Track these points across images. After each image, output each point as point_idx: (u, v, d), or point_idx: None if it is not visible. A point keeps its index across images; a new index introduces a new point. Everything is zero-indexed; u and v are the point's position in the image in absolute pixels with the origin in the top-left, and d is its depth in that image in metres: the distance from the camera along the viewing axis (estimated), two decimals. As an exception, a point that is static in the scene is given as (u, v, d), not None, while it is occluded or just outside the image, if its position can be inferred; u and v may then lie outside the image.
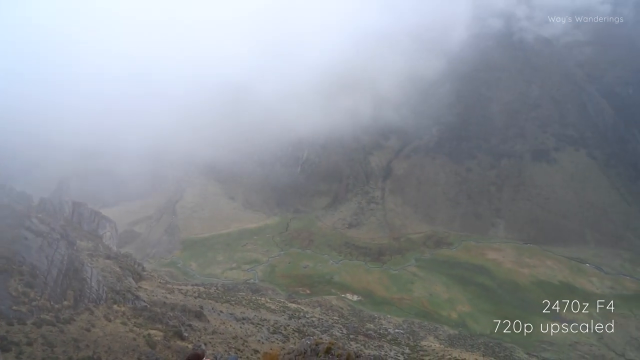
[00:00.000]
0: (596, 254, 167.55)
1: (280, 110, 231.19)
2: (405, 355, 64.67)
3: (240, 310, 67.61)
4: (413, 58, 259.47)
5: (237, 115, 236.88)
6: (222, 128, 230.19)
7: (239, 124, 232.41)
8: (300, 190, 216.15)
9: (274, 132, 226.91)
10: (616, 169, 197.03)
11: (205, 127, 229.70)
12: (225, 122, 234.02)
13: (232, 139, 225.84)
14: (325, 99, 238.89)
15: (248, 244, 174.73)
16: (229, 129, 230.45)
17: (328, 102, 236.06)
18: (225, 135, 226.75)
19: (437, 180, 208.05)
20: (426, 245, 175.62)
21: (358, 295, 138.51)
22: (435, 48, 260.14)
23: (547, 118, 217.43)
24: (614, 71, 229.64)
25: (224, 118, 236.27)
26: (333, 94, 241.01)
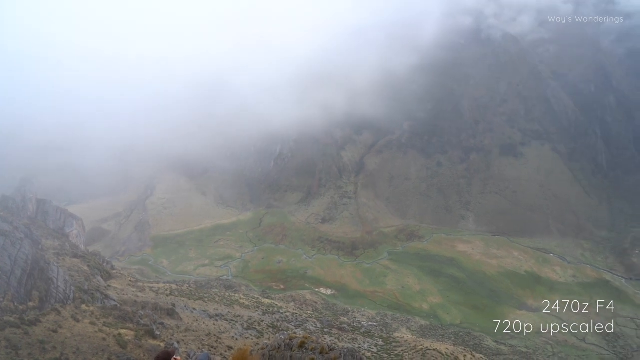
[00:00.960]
0: (560, 244, 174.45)
1: (254, 105, 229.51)
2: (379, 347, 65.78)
3: (214, 307, 67.13)
4: (387, 54, 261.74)
5: (210, 110, 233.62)
6: (194, 123, 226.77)
7: (212, 119, 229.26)
8: (274, 185, 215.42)
9: (247, 126, 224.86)
10: (578, 163, 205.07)
11: (176, 122, 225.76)
12: (198, 116, 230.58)
13: (204, 133, 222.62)
14: (300, 94, 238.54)
15: (221, 240, 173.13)
16: (201, 123, 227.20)
17: (302, 97, 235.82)
18: (197, 130, 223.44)
19: (408, 175, 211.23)
20: (398, 239, 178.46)
21: (332, 290, 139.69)
22: (408, 44, 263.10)
23: (514, 113, 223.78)
24: (577, 69, 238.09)
25: (196, 113, 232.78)
26: (307, 89, 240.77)
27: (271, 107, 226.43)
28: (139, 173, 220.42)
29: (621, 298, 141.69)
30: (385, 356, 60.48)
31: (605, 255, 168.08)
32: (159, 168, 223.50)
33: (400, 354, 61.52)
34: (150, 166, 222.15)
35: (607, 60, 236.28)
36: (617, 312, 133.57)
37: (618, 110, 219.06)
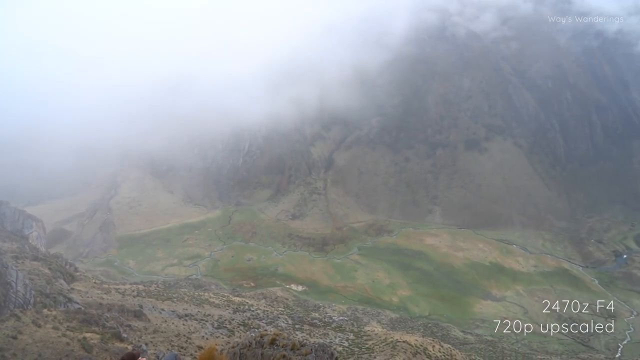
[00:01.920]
0: (522, 235, 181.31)
1: (222, 101, 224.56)
2: (350, 341, 66.55)
3: (183, 307, 66.07)
4: (357, 50, 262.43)
5: (176, 106, 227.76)
6: (159, 119, 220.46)
7: (178, 115, 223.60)
8: (243, 182, 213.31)
9: (214, 123, 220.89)
10: (538, 157, 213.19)
11: (141, 119, 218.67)
12: (163, 112, 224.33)
13: (170, 130, 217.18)
14: (270, 90, 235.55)
15: (189, 238, 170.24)
16: (167, 120, 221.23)
17: (272, 93, 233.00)
18: (163, 126, 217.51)
19: (377, 170, 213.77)
20: (368, 234, 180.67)
21: (303, 286, 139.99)
22: (377, 40, 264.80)
23: (478, 109, 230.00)
24: (536, 66, 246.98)
25: (162, 109, 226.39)
26: (278, 85, 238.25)
27: (240, 103, 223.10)
28: (101, 172, 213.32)
29: (579, 285, 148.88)
30: (357, 350, 61.28)
31: (564, 244, 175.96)
32: (123, 166, 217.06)
33: (371, 347, 62.47)
34: (113, 164, 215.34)
35: (564, 58, 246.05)
36: (574, 299, 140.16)
37: (574, 105, 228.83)
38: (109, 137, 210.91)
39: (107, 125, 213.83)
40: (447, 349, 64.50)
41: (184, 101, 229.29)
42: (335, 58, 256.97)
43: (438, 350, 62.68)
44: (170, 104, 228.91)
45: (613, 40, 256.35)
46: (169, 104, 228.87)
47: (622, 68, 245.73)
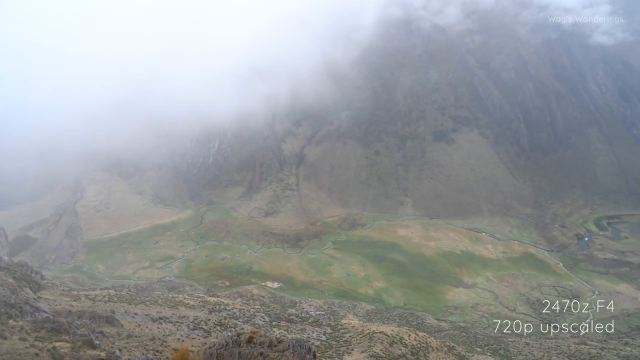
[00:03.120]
0: (490, 223, 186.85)
1: (191, 98, 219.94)
2: (327, 335, 67.06)
3: (157, 310, 64.85)
4: (327, 45, 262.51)
5: (143, 105, 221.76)
6: (125, 118, 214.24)
7: (145, 114, 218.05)
8: (214, 181, 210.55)
9: (184, 121, 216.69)
10: (503, 146, 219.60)
11: (106, 118, 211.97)
12: (129, 112, 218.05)
13: (137, 130, 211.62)
14: (240, 86, 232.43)
15: (161, 240, 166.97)
16: (134, 119, 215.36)
17: (242, 89, 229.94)
18: (129, 126, 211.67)
19: (348, 164, 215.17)
20: (341, 228, 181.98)
21: (278, 282, 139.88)
22: (347, 35, 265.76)
23: (445, 101, 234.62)
24: (499, 58, 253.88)
25: (128, 107, 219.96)
26: (248, 81, 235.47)
27: (209, 99, 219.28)
28: (65, 175, 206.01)
29: (544, 269, 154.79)
30: (334, 343, 61.85)
31: (529, 230, 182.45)
32: (88, 168, 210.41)
33: (348, 339, 63.16)
34: (78, 167, 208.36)
35: (525, 50, 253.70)
36: (541, 282, 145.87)
37: (536, 95, 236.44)
38: (72, 139, 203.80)
39: (70, 126, 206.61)
40: (422, 337, 65.94)
41: (151, 100, 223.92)
42: (306, 53, 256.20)
43: (414, 339, 64.03)
44: (136, 103, 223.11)
45: (570, 32, 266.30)
46: (135, 103, 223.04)
47: (579, 59, 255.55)
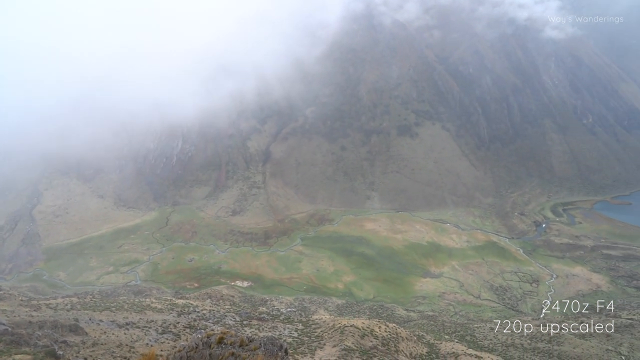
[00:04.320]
0: (454, 214, 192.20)
1: (154, 97, 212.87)
2: (299, 331, 67.18)
3: (123, 316, 63.00)
4: (292, 41, 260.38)
5: (102, 104, 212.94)
6: (83, 119, 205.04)
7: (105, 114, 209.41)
8: (178, 181, 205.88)
9: (145, 120, 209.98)
10: (464, 139, 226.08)
11: (63, 118, 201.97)
12: (88, 111, 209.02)
13: (97, 130, 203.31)
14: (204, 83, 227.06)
15: (125, 244, 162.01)
16: (93, 119, 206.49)
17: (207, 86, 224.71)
18: (88, 126, 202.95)
19: (314, 160, 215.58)
20: (310, 224, 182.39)
21: (248, 281, 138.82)
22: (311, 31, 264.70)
23: (407, 96, 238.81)
24: (457, 52, 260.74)
25: (86, 107, 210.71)
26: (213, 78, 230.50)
27: (172, 98, 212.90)
28: (20, 179, 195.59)
29: (506, 256, 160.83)
30: (306, 339, 62.05)
31: (491, 219, 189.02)
32: (44, 172, 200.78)
33: (320, 334, 63.52)
34: (33, 170, 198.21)
35: (481, 44, 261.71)
36: (503, 268, 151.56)
37: (493, 89, 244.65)
38: (24, 139, 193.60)
39: (24, 127, 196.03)
40: (392, 328, 67.18)
41: (110, 98, 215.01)
42: (272, 50, 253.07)
43: (384, 330, 65.14)
44: (94, 101, 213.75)
45: (523, 27, 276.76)
46: (93, 101, 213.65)
47: (533, 52, 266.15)
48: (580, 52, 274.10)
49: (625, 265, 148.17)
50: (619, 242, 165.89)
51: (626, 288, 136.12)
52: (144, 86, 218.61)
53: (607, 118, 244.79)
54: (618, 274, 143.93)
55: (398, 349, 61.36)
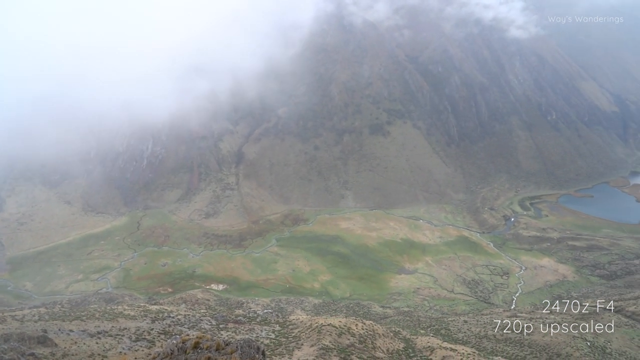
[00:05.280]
0: (427, 210, 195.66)
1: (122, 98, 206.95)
2: (276, 332, 67.00)
3: (94, 325, 61.25)
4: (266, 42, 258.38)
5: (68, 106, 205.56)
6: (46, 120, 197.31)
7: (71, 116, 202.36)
8: (149, 185, 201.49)
9: (114, 122, 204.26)
10: (435, 137, 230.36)
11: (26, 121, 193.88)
12: (53, 113, 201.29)
13: (61, 133, 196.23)
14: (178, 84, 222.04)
15: (94, 250, 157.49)
16: (56, 121, 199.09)
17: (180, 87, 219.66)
18: (51, 129, 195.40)
19: (288, 161, 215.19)
20: (285, 224, 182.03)
21: (223, 284, 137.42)
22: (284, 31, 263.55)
23: (379, 95, 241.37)
24: (426, 52, 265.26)
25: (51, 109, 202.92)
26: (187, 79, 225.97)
27: (142, 99, 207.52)
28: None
29: (477, 250, 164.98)
30: (284, 340, 61.96)
31: (463, 215, 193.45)
32: (7, 178, 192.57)
33: (297, 335, 63.56)
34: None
35: (449, 44, 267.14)
36: (475, 262, 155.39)
37: (462, 87, 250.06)
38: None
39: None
40: (369, 325, 67.88)
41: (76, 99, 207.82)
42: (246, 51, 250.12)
43: (361, 328, 65.75)
44: (60, 103, 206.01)
45: (489, 27, 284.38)
46: (58, 102, 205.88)
47: (498, 52, 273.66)
48: (544, 51, 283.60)
49: (589, 256, 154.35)
50: (582, 234, 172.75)
51: (590, 277, 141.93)
52: (112, 86, 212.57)
53: (570, 115, 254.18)
54: (582, 264, 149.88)
55: (375, 345, 62.08)
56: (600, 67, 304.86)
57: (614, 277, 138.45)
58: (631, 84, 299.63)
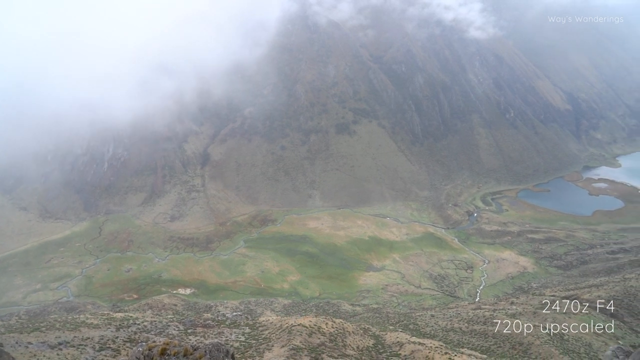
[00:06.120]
0: (393, 208, 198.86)
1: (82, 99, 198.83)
2: (246, 334, 66.42)
3: (55, 335, 58.78)
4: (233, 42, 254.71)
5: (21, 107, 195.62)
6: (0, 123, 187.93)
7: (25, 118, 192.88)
8: (111, 188, 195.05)
9: (72, 125, 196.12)
10: (400, 135, 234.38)
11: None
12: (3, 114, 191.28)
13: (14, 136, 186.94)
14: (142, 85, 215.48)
15: (53, 258, 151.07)
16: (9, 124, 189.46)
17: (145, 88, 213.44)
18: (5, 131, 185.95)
19: (254, 161, 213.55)
20: (252, 225, 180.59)
21: (191, 288, 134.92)
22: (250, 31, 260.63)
23: (344, 95, 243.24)
24: (390, 52, 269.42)
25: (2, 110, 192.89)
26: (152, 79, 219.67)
27: (104, 100, 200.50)
28: None
29: (443, 245, 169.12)
30: (254, 342, 61.55)
31: (428, 211, 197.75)
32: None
33: (267, 336, 63.27)
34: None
35: (412, 44, 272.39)
36: (441, 257, 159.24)
37: (425, 87, 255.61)
38: None
39: None
40: (339, 324, 68.40)
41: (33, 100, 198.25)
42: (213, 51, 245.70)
43: (331, 327, 66.16)
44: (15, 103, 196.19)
45: (450, 27, 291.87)
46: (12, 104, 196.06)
47: (459, 52, 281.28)
48: (501, 51, 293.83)
49: (547, 247, 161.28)
50: (541, 227, 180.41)
51: (548, 268, 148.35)
52: (72, 84, 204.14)
53: (527, 113, 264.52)
54: (541, 255, 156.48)
55: (345, 343, 62.63)
56: (554, 66, 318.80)
57: (570, 267, 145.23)
58: (582, 82, 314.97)
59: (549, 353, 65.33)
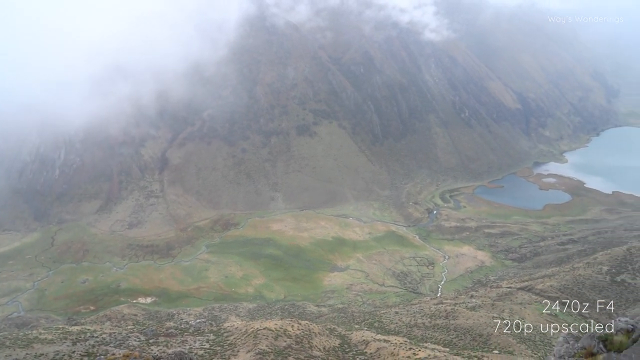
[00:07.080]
0: (356, 208, 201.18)
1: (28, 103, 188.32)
2: (211, 341, 65.25)
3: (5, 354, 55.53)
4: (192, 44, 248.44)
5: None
6: None
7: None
8: (64, 196, 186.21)
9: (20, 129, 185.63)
10: (360, 136, 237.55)
11: None
12: None
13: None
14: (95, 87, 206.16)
15: (2, 272, 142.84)
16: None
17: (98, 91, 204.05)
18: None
19: (215, 165, 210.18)
20: (214, 230, 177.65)
21: (151, 297, 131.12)
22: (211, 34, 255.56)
23: (304, 96, 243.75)
24: (348, 53, 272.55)
25: None
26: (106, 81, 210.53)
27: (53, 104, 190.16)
28: None
29: (404, 243, 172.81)
30: (219, 348, 60.59)
31: (389, 210, 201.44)
32: None
33: (233, 341, 62.46)
34: None
35: (370, 46, 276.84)
36: (403, 255, 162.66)
37: (383, 88, 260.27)
38: None
39: None
40: (305, 325, 68.51)
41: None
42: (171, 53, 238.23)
43: (297, 329, 66.17)
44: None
45: (406, 30, 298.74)
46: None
47: (415, 53, 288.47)
48: (455, 53, 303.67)
49: (502, 241, 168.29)
50: (496, 221, 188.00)
51: (504, 261, 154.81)
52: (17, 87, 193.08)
53: (480, 112, 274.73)
54: (497, 249, 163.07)
55: (312, 344, 62.83)
56: (505, 68, 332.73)
57: (524, 259, 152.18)
58: (530, 83, 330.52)
59: (507, 343, 68.19)
